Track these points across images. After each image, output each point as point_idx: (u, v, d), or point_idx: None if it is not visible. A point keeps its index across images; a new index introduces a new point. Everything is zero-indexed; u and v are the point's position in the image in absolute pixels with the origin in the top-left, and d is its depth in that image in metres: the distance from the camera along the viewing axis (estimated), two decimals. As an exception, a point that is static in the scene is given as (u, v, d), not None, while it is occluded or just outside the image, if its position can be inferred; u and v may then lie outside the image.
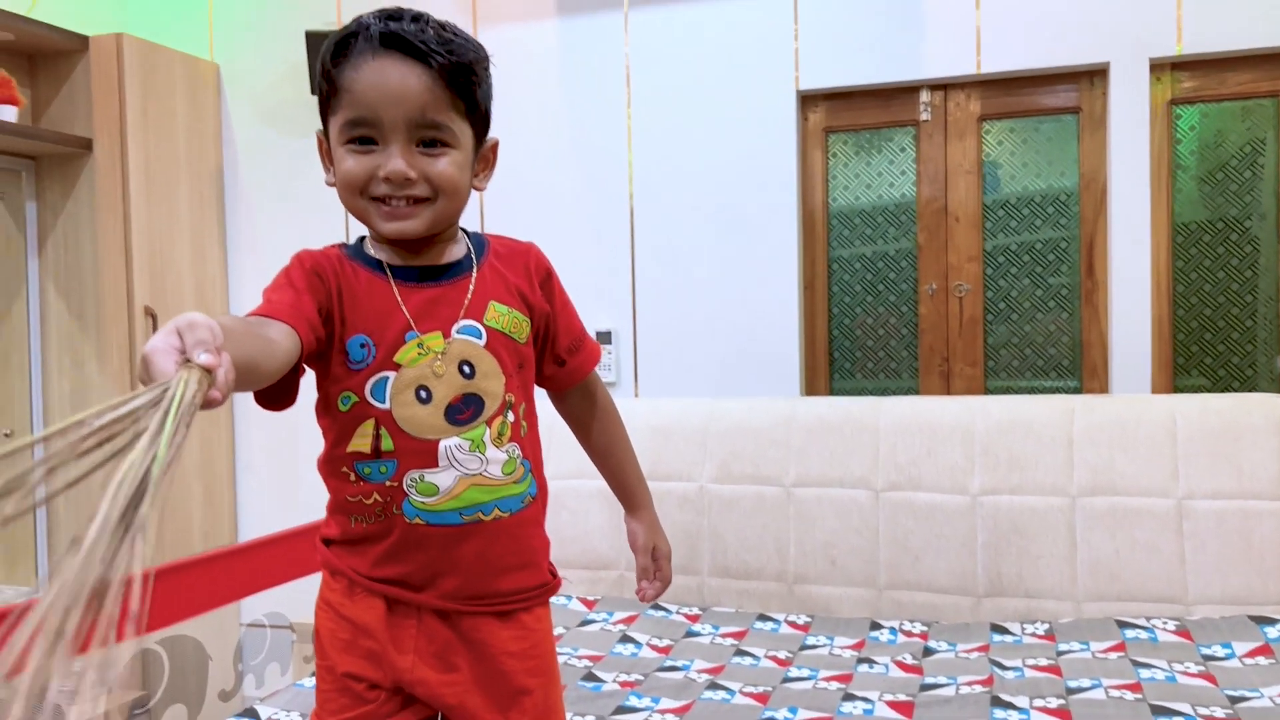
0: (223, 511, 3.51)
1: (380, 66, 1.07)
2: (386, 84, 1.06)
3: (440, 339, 1.13)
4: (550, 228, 3.21)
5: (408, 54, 1.08)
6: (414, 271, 1.16)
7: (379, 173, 1.08)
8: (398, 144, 1.08)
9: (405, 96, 1.07)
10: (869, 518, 2.50)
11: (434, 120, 1.09)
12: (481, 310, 1.16)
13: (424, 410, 1.12)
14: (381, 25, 1.09)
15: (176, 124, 3.35)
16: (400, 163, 1.08)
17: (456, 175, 1.12)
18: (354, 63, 1.08)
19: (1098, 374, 2.85)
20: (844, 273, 3.07)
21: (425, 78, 1.08)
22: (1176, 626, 2.20)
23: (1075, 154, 2.88)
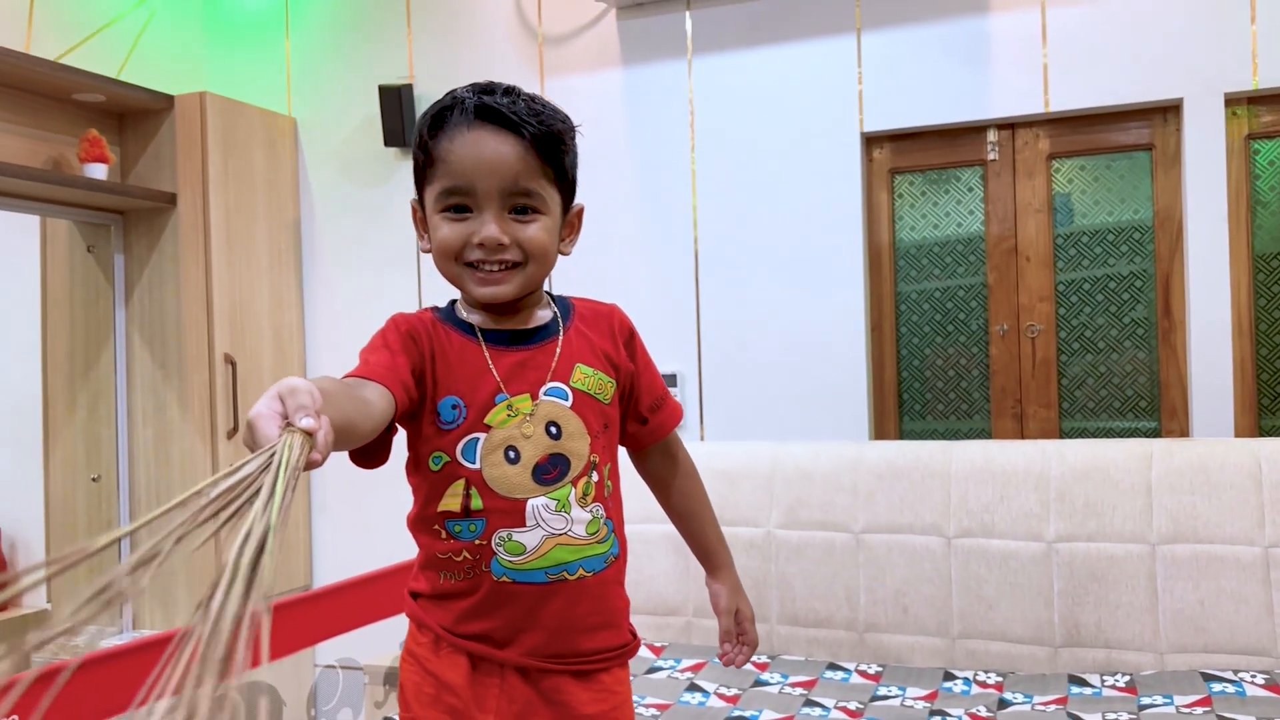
0: (298, 554, 3.58)
1: (475, 138, 1.11)
2: (481, 154, 1.11)
3: (529, 401, 1.16)
4: (616, 272, 3.24)
5: (501, 125, 1.12)
6: (504, 335, 1.20)
7: (474, 239, 1.12)
8: (491, 211, 1.12)
9: (499, 165, 1.11)
10: (941, 565, 2.46)
11: (525, 188, 1.13)
12: (568, 373, 1.19)
13: (512, 470, 1.15)
14: (475, 98, 1.13)
15: (256, 177, 3.47)
16: (494, 229, 1.12)
17: (546, 240, 1.16)
18: (450, 134, 1.13)
19: (1177, 415, 2.77)
20: (912, 313, 3.04)
21: (518, 147, 1.12)
22: (1266, 680, 2.11)
23: (1149, 191, 2.82)
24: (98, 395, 3.39)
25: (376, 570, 2.42)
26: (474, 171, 1.11)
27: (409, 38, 3.49)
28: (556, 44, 3.31)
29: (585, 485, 1.17)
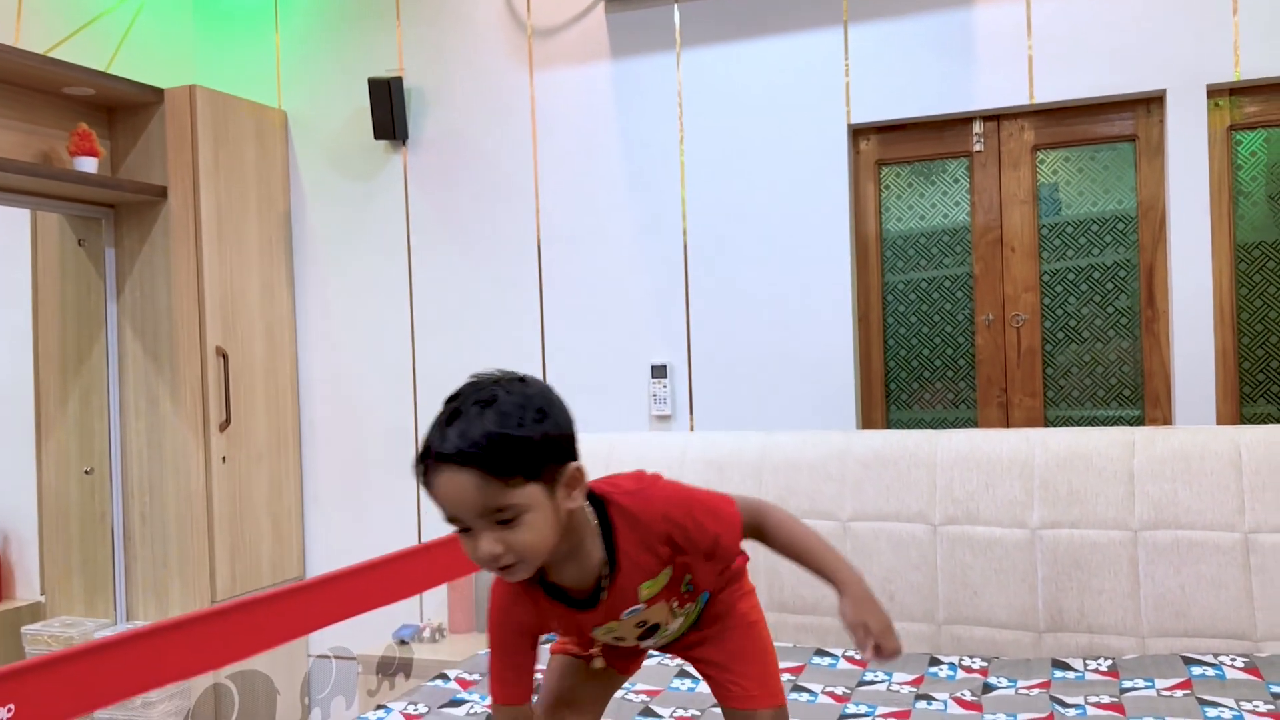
0: (291, 544, 3.60)
1: (442, 480, 1.25)
2: (449, 496, 1.25)
3: (616, 624, 1.42)
4: (605, 264, 3.26)
5: (457, 464, 1.23)
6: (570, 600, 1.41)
7: (475, 555, 1.28)
8: (481, 530, 1.26)
9: (465, 501, 1.24)
10: (927, 552, 2.49)
11: (497, 506, 1.24)
12: (634, 597, 1.40)
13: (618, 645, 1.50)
14: (439, 438, 1.25)
15: (246, 170, 3.48)
16: (485, 548, 1.26)
17: (534, 538, 1.28)
18: (428, 477, 1.27)
19: (1160, 403, 2.81)
20: (899, 303, 3.07)
21: (475, 479, 1.23)
22: (1245, 664, 2.15)
23: (1132, 182, 2.85)
24: (90, 388, 3.40)
25: (369, 560, 2.44)
26: (450, 508, 1.25)
27: (398, 30, 3.50)
28: (545, 36, 3.33)
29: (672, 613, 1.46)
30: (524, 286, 3.36)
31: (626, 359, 3.23)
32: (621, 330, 3.24)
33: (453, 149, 3.44)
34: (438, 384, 3.47)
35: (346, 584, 2.40)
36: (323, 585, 2.38)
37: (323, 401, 3.64)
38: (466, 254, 3.43)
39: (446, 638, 3.18)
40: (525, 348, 3.36)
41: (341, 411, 3.61)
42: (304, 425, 3.67)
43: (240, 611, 2.13)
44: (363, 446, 3.58)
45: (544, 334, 3.34)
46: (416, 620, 3.45)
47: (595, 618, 1.40)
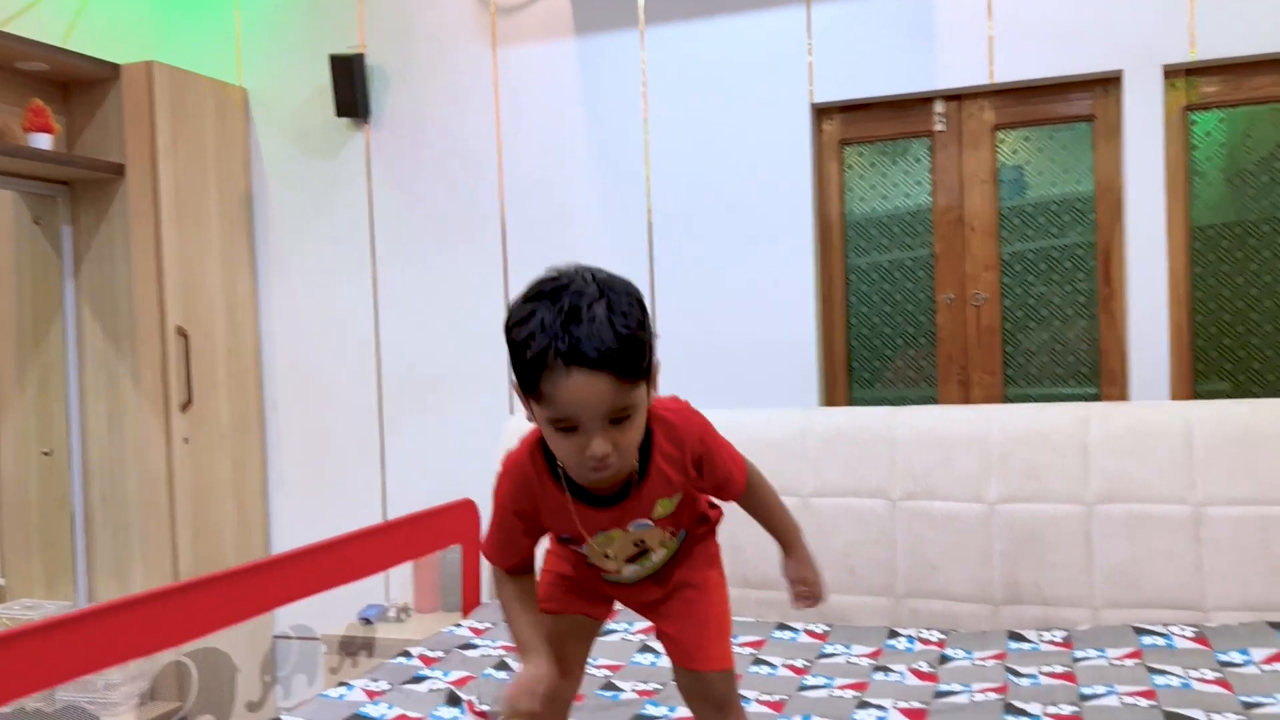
0: (255, 525, 3.58)
1: (576, 385, 1.23)
2: (584, 400, 1.24)
3: (620, 533, 1.47)
4: (571, 242, 3.26)
5: (594, 368, 1.22)
6: (597, 499, 1.43)
7: (585, 452, 1.28)
8: (596, 429, 1.26)
9: (599, 404, 1.24)
10: (886, 527, 2.52)
11: (621, 406, 1.26)
12: (650, 508, 1.45)
13: (609, 561, 1.51)
14: (565, 338, 1.22)
15: (206, 148, 3.44)
16: (599, 446, 1.27)
17: (636, 435, 1.32)
18: (549, 378, 1.24)
19: (1116, 381, 2.85)
20: (861, 283, 3.09)
21: (611, 383, 1.24)
22: (1194, 633, 2.20)
23: (1090, 162, 2.88)
24: (48, 369, 3.36)
25: (333, 537, 2.44)
26: (580, 411, 1.24)
27: (360, 6, 3.46)
28: (509, 13, 3.31)
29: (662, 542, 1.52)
30: (489, 265, 3.35)
31: (591, 338, 3.23)
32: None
33: (416, 127, 3.42)
34: (402, 364, 3.46)
35: (310, 561, 2.39)
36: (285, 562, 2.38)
37: (286, 382, 3.62)
38: (431, 233, 3.42)
39: (412, 617, 3.18)
40: (490, 326, 3.35)
41: (305, 392, 3.59)
42: (267, 406, 3.64)
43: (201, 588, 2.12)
44: (327, 427, 3.56)
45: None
46: (382, 600, 3.45)
47: (608, 519, 1.43)
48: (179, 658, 2.87)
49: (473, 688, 2.13)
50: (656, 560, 1.54)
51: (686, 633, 1.53)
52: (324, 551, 2.46)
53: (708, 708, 1.53)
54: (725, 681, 1.52)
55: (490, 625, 2.60)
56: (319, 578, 2.45)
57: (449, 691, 2.10)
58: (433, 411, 3.42)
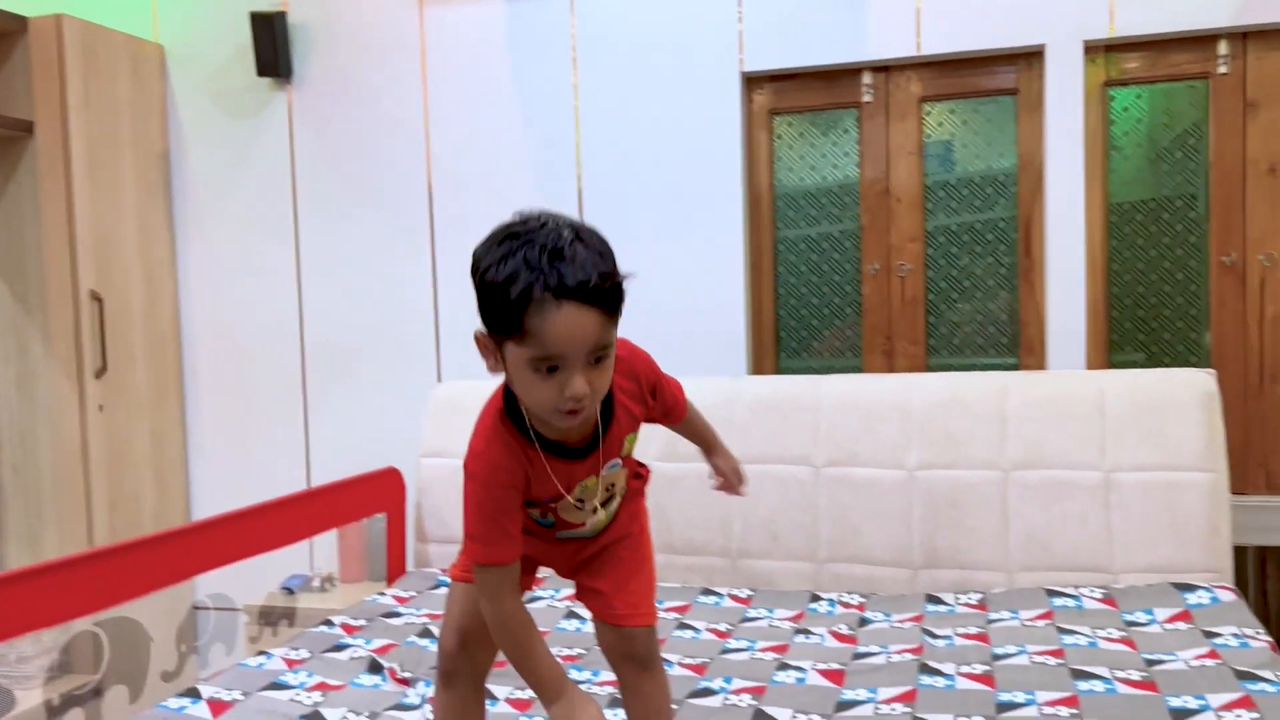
0: (175, 495, 3.51)
1: (566, 319, 1.22)
2: (571, 332, 1.23)
3: (595, 479, 1.44)
4: (499, 209, 3.21)
5: (583, 301, 1.23)
6: (573, 451, 1.41)
7: (564, 393, 1.26)
8: (577, 369, 1.25)
9: (586, 338, 1.24)
10: (809, 493, 2.56)
11: (603, 343, 1.27)
12: (619, 448, 1.46)
13: (580, 511, 1.48)
14: (553, 273, 1.22)
15: (120, 106, 3.32)
16: (580, 385, 1.25)
17: (609, 377, 1.32)
18: (537, 313, 1.22)
19: (1035, 351, 2.91)
20: (790, 253, 3.11)
21: (599, 318, 1.25)
22: (1102, 594, 2.27)
23: (1014, 135, 2.93)
24: (-47, 333, 3.24)
25: (248, 506, 2.40)
26: (567, 346, 1.23)
27: (282, -37, 3.37)
28: (437, -26, 3.24)
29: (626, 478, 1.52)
30: (415, 230, 3.30)
31: (519, 306, 3.21)
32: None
33: (340, 88, 3.35)
34: (326, 329, 3.40)
35: (230, 528, 2.35)
36: (204, 529, 2.33)
37: (206, 348, 3.54)
38: (355, 196, 3.35)
39: (336, 586, 3.15)
40: (417, 292, 3.31)
41: (226, 358, 3.52)
42: (187, 372, 3.56)
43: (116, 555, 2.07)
44: (249, 394, 3.49)
45: (436, 279, 3.29)
46: (306, 570, 3.41)
47: (584, 469, 1.42)
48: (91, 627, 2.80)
49: (395, 655, 2.12)
50: (614, 507, 1.53)
51: (616, 588, 1.53)
52: (244, 519, 2.41)
53: (633, 665, 1.54)
54: (650, 636, 1.54)
55: (414, 594, 2.59)
56: (239, 546, 2.40)
57: (370, 659, 2.08)
58: (358, 378, 3.37)
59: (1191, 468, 2.35)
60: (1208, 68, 2.77)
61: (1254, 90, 2.74)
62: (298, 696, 1.90)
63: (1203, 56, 2.77)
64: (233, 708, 1.83)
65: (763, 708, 1.80)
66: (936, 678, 1.89)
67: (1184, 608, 2.16)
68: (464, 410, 2.86)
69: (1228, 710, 1.68)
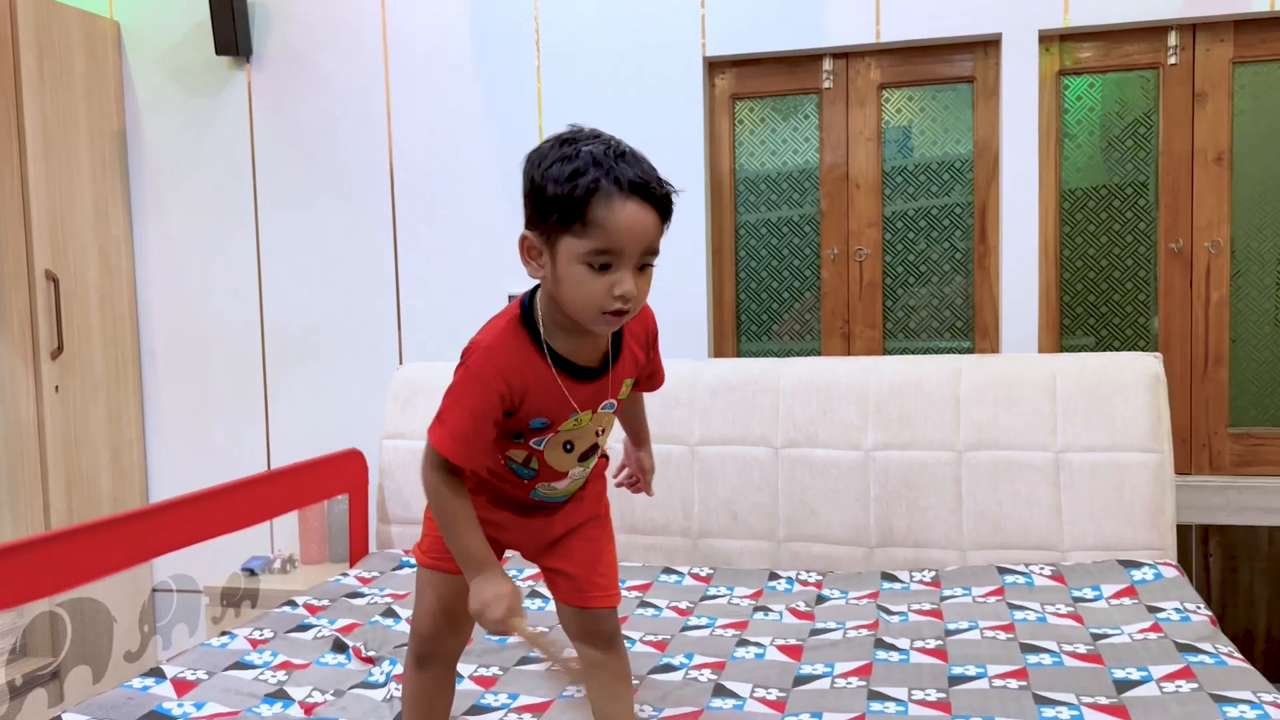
0: (132, 476, 3.48)
1: (631, 212, 1.28)
2: (635, 227, 1.28)
3: (590, 415, 1.47)
4: (461, 194, 3.22)
5: (647, 200, 1.29)
6: (581, 371, 1.43)
7: (614, 291, 1.29)
8: (629, 268, 1.30)
9: (646, 236, 1.30)
10: (769, 474, 2.60)
11: (655, 249, 1.33)
12: (618, 389, 1.49)
13: (566, 457, 1.49)
14: (619, 168, 1.28)
15: (75, 84, 3.28)
16: (629, 284, 1.30)
17: (649, 286, 1.37)
18: (604, 203, 1.27)
19: (989, 335, 2.98)
20: (751, 238, 3.14)
21: (658, 220, 1.32)
22: (1052, 571, 2.34)
23: (970, 122, 2.98)
24: (-97, 313, 3.18)
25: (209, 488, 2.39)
26: (628, 240, 1.28)
27: (241, -60, 3.33)
28: (398, -46, 3.22)
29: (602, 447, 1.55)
30: (376, 213, 3.29)
31: (485, 289, 3.22)
32: (479, 260, 3.22)
33: (299, 67, 3.32)
34: (286, 311, 3.39)
35: (190, 509, 2.35)
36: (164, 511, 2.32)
37: (164, 329, 3.51)
38: (315, 177, 3.34)
39: (298, 568, 3.15)
40: (379, 275, 3.30)
41: (185, 339, 3.49)
42: (144, 354, 3.53)
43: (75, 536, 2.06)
44: (209, 376, 3.47)
45: (398, 263, 3.29)
46: (267, 552, 3.40)
47: (588, 393, 1.44)
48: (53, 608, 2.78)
49: (359, 634, 2.13)
50: (588, 470, 1.55)
51: (587, 570, 1.56)
52: (204, 500, 2.41)
53: (599, 643, 1.56)
54: (615, 615, 1.57)
55: (377, 574, 2.60)
56: (199, 527, 2.40)
57: (335, 638, 2.10)
58: (319, 360, 3.37)
59: (1138, 448, 2.43)
60: (1158, 58, 2.83)
61: (1202, 81, 2.82)
62: (262, 676, 1.91)
63: (1153, 47, 2.83)
64: (197, 687, 1.84)
65: (723, 682, 1.84)
66: (891, 652, 1.94)
67: (1129, 584, 2.23)
68: (425, 392, 2.87)
69: (1169, 681, 1.74)
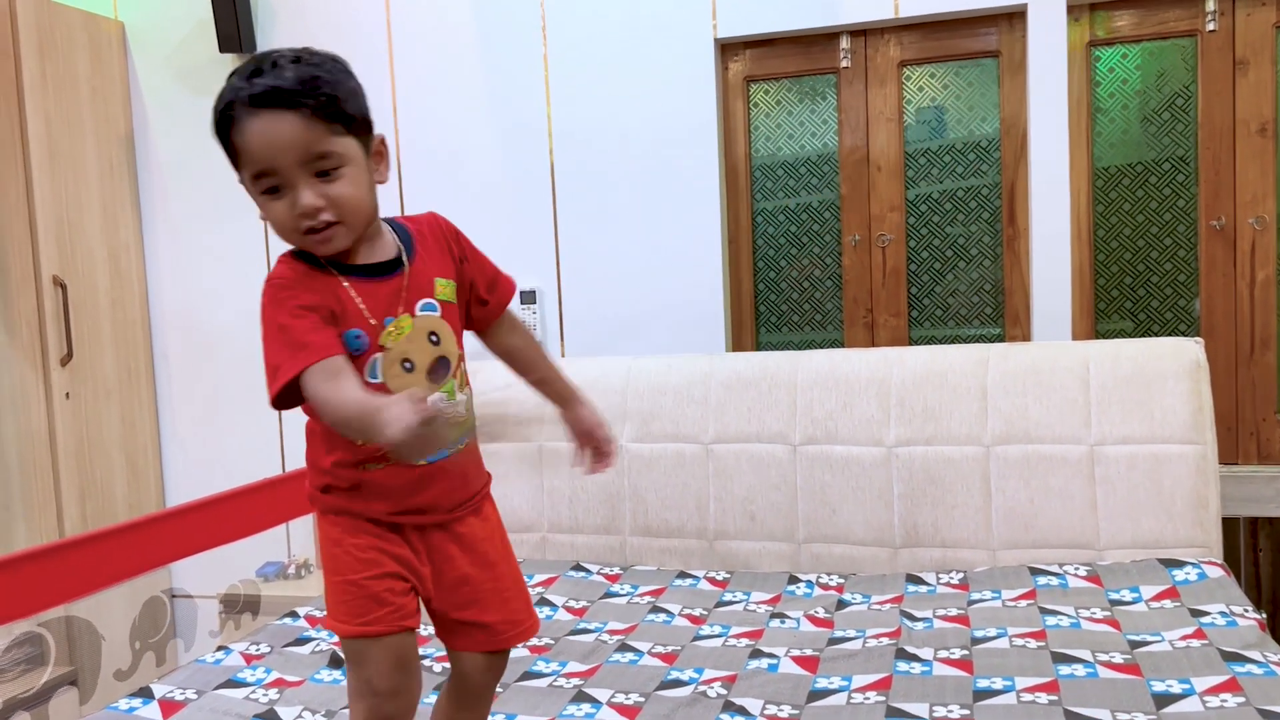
0: (148, 483, 3.44)
1: (260, 125, 1.21)
2: (269, 138, 1.21)
3: (409, 319, 1.33)
4: (472, 188, 3.14)
5: (278, 106, 1.21)
6: (370, 269, 1.33)
7: (294, 210, 1.25)
8: (300, 182, 1.24)
9: (289, 144, 1.22)
10: (787, 472, 2.49)
11: (319, 152, 1.23)
12: (431, 289, 1.37)
13: (410, 378, 1.33)
14: (247, 86, 1.22)
15: (80, 86, 3.23)
16: (308, 197, 1.23)
17: (355, 191, 1.27)
18: (239, 127, 1.23)
19: (1020, 321, 2.84)
20: (768, 225, 3.03)
21: (299, 121, 1.22)
22: (1087, 572, 2.21)
23: (996, 99, 2.84)
24: (-85, 322, 3.16)
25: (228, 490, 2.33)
26: (270, 155, 1.22)
27: (241, -66, 3.26)
28: (400, -57, 3.14)
29: (460, 374, 1.40)
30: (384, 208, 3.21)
31: (493, 284, 3.13)
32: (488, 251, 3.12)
33: (304, 63, 3.24)
34: (297, 312, 3.32)
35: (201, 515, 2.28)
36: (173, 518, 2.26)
37: (177, 332, 3.46)
38: (322, 175, 3.26)
39: (313, 573, 3.09)
40: (388, 273, 3.22)
41: (198, 342, 3.44)
42: (157, 358, 3.49)
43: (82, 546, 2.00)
44: (221, 378, 3.42)
45: (407, 259, 3.21)
46: (283, 557, 3.35)
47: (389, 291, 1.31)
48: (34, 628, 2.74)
49: (358, 648, 2.06)
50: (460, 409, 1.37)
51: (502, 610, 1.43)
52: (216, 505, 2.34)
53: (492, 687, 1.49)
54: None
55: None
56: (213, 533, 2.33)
57: (333, 653, 2.03)
58: (331, 362, 3.30)
59: (1178, 440, 2.28)
60: (1195, 25, 2.67)
61: (1242, 48, 2.65)
62: (253, 694, 1.84)
63: (1190, 14, 2.67)
64: (185, 708, 1.78)
65: (733, 698, 1.74)
66: (913, 664, 1.83)
67: (1170, 585, 2.10)
68: (435, 393, 2.80)
69: (1212, 694, 1.62)
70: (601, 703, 1.75)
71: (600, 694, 1.78)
